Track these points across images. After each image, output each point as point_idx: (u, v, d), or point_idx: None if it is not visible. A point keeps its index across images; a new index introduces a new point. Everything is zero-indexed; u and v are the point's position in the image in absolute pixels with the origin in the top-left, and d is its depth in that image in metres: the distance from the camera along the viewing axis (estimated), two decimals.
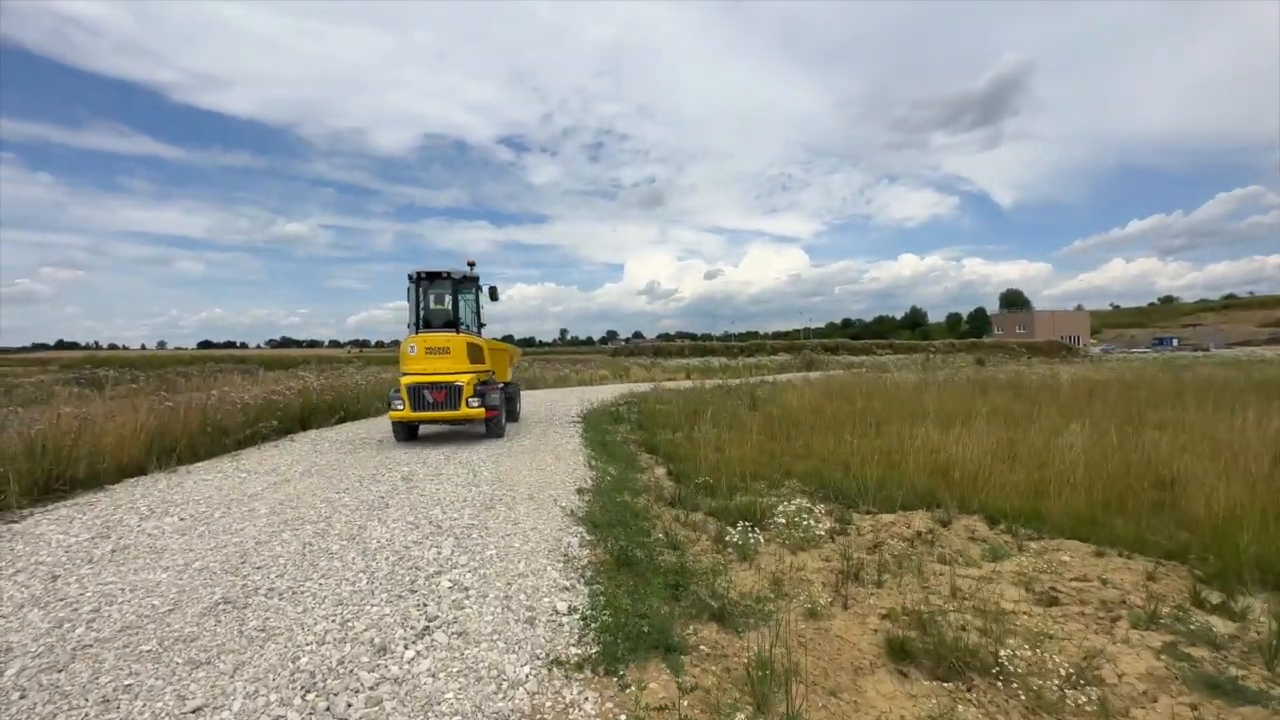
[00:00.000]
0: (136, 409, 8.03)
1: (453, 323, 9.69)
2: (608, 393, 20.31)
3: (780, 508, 5.24)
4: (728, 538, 4.75)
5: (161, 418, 7.85)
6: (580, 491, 6.26)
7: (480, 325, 10.52)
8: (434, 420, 9.27)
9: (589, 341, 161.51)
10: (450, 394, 9.00)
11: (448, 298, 9.77)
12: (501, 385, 10.56)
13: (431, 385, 8.99)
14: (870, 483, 6.62)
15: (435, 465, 7.78)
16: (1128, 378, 20.69)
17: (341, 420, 12.60)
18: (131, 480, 6.98)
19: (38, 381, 21.08)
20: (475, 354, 9.47)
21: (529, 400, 17.31)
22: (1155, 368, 27.15)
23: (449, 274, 9.64)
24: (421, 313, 9.64)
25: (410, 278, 9.56)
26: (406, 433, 9.53)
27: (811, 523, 4.94)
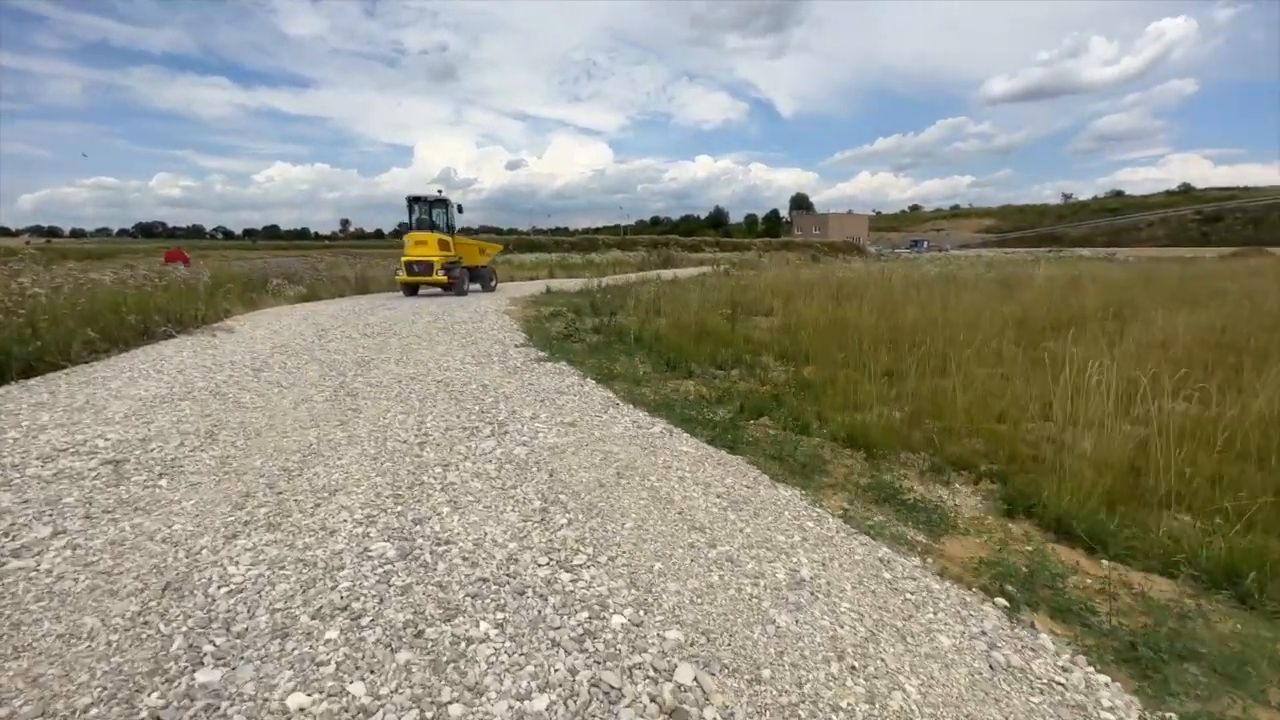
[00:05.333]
0: None
1: (430, 226, 15.17)
2: (486, 300, 14.18)
3: None
4: None
5: None
6: None
7: (450, 227, 15.51)
8: (419, 283, 14.75)
9: (378, 234, 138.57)
10: (425, 267, 14.48)
11: (428, 209, 15.36)
12: (469, 267, 15.92)
13: (416, 262, 14.53)
14: None
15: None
16: (1023, 272, 20.79)
17: None
18: None
19: None
20: (443, 245, 14.94)
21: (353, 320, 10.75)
22: (969, 266, 28.91)
23: (426, 197, 15.41)
24: (413, 219, 15.35)
25: (407, 199, 15.41)
26: (409, 290, 15.07)
27: None
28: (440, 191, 15.39)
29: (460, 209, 15.96)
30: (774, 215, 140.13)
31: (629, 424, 4.46)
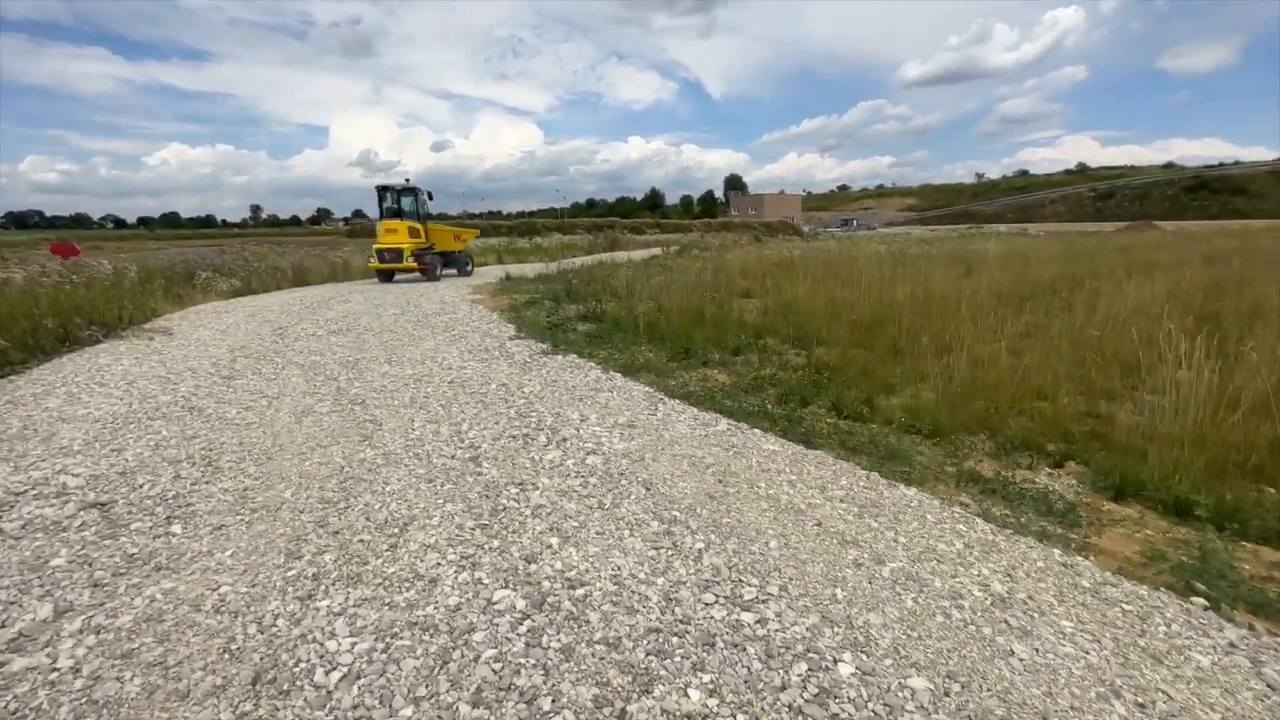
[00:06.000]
0: None
1: (399, 214, 15.17)
2: (449, 291, 13.30)
3: None
4: None
5: None
6: None
7: (421, 215, 15.63)
8: (391, 269, 14.74)
9: (295, 221, 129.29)
10: (396, 254, 14.56)
11: (397, 198, 15.32)
12: (443, 252, 16.10)
13: (388, 250, 14.59)
14: None
15: None
16: (993, 248, 21.69)
17: None
18: None
19: None
20: (414, 232, 15.08)
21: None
22: (908, 243, 30.17)
23: (394, 186, 15.36)
24: (383, 208, 15.31)
25: (377, 188, 15.41)
26: (384, 277, 14.95)
27: None
28: (408, 180, 15.73)
29: (430, 196, 16.21)
30: (709, 196, 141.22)
31: (690, 421, 4.11)
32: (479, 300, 11.23)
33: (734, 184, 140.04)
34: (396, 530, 2.61)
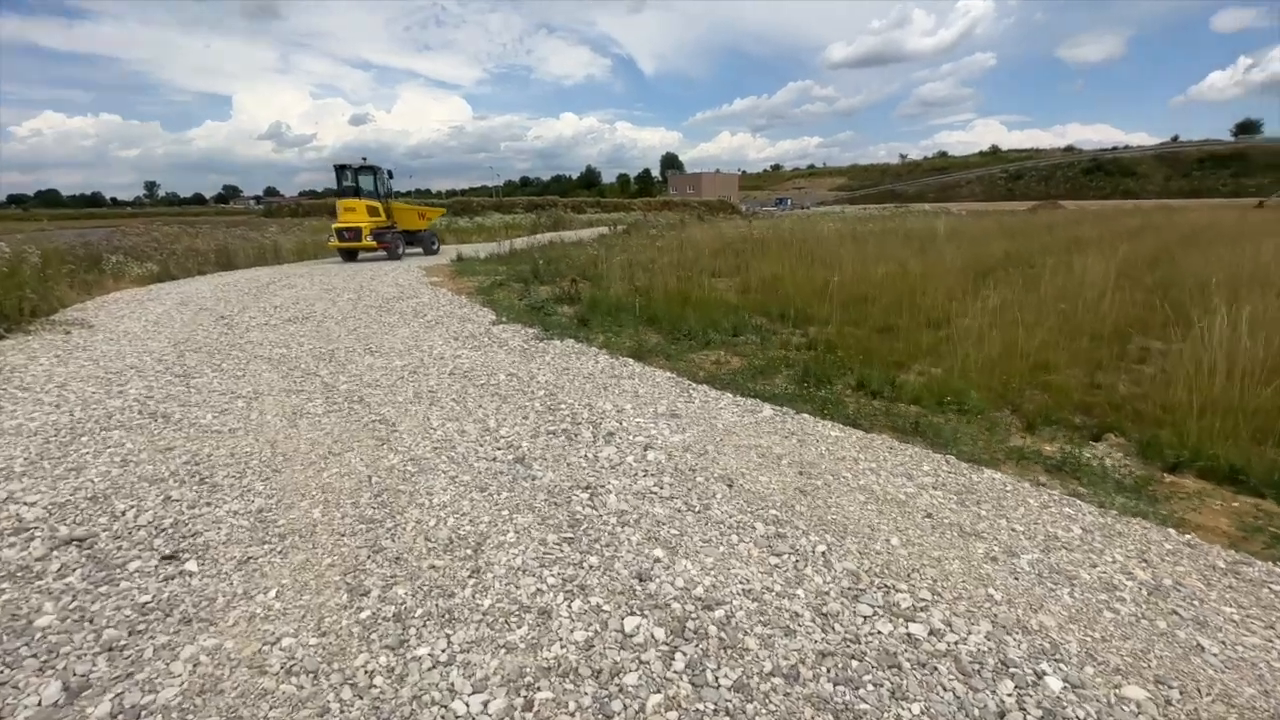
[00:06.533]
0: None
1: (357, 193, 14.90)
2: (403, 274, 12.40)
3: None
4: None
5: None
6: None
7: (381, 194, 15.34)
8: (350, 248, 14.53)
9: (199, 199, 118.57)
10: (355, 233, 14.30)
11: (354, 176, 15.08)
12: (407, 231, 15.88)
13: (346, 228, 14.35)
14: None
15: None
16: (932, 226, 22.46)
17: None
18: None
19: None
20: (372, 211, 14.77)
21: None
22: (860, 221, 31.09)
23: (351, 165, 15.07)
24: (341, 186, 15.03)
25: (335, 167, 15.09)
26: (345, 256, 14.82)
27: None
28: (365, 160, 15.72)
29: (390, 174, 16.10)
30: (646, 175, 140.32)
31: (732, 407, 3.88)
32: (438, 283, 10.54)
33: (670, 163, 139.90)
34: (470, 551, 2.25)
